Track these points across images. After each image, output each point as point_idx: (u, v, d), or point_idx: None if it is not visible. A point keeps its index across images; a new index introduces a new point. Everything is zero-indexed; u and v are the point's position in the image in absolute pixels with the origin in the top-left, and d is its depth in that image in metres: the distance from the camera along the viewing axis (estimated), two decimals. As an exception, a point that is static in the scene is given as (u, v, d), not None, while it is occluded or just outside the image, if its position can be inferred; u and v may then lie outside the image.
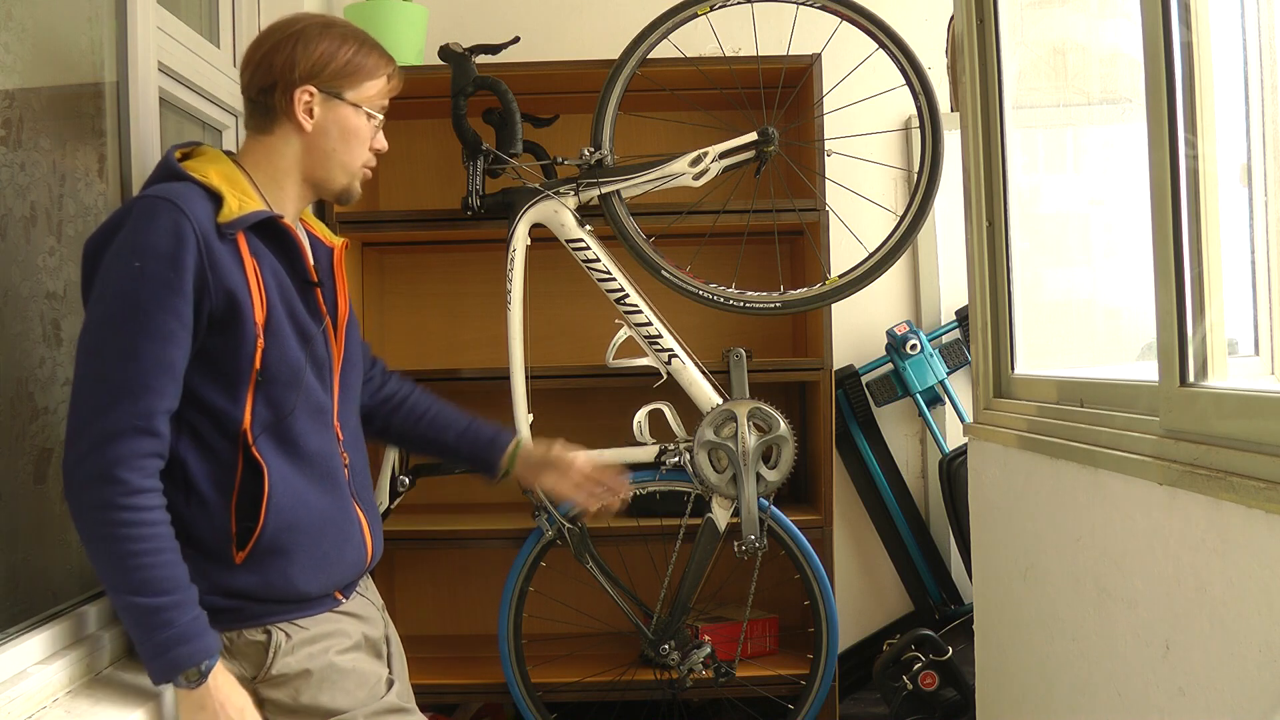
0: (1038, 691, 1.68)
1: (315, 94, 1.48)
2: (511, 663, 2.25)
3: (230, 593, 1.38)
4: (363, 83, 1.52)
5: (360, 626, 1.53)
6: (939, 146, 2.07)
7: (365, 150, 1.55)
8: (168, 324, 1.31)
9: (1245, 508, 1.07)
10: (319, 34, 1.49)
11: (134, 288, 1.30)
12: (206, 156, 1.47)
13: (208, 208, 1.37)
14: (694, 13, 2.12)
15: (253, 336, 1.38)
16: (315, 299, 1.50)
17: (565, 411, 2.57)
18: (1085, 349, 2.29)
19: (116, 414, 1.27)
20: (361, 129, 1.52)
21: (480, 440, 1.78)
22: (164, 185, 1.39)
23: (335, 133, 1.50)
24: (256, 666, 1.40)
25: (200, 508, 1.37)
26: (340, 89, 1.49)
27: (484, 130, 2.18)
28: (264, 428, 1.40)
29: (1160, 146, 1.29)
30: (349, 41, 1.51)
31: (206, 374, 1.37)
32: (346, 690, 1.43)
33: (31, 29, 1.50)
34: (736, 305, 2.12)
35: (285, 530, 1.40)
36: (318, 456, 1.46)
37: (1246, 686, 1.08)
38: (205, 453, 1.38)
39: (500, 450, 1.78)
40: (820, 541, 2.30)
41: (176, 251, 1.31)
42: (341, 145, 1.51)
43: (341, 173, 1.53)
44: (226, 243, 1.37)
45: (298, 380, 1.43)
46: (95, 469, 1.26)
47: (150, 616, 1.26)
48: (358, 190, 1.57)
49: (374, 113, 1.54)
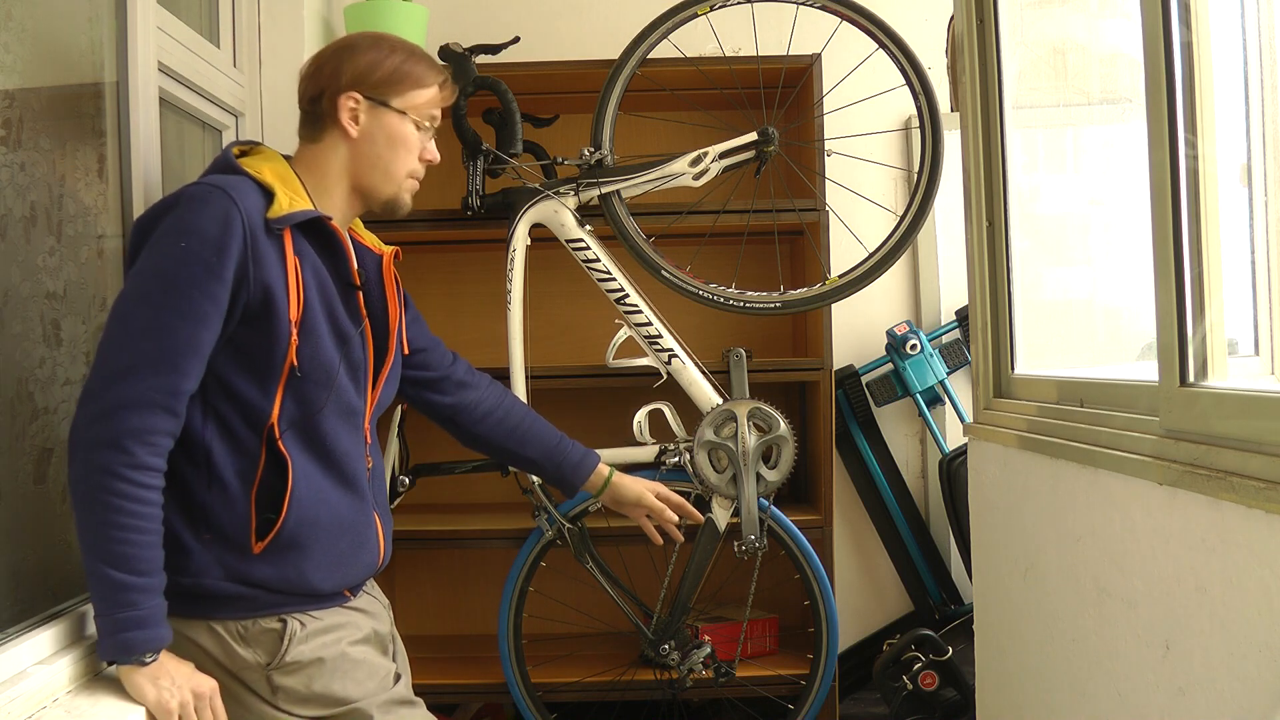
0: (1038, 691, 1.68)
1: (360, 100, 1.51)
2: (511, 663, 2.25)
3: (245, 581, 1.40)
4: (409, 91, 1.53)
5: (369, 622, 1.55)
6: (939, 146, 2.07)
7: (413, 159, 1.56)
8: (202, 306, 1.33)
9: (1245, 508, 1.07)
10: (369, 45, 1.53)
11: (175, 267, 1.33)
12: (263, 155, 1.51)
13: (259, 202, 1.40)
14: (694, 13, 2.12)
15: (286, 333, 1.40)
16: (356, 302, 1.52)
17: (565, 411, 2.56)
18: (1085, 349, 2.29)
19: (140, 384, 1.29)
20: (408, 137, 1.54)
21: (567, 464, 1.87)
22: (219, 176, 1.42)
23: (381, 139, 1.52)
24: (270, 654, 1.41)
25: (220, 495, 1.39)
26: (386, 96, 1.52)
27: (484, 130, 2.18)
28: (291, 424, 1.42)
29: (1160, 146, 1.29)
30: (397, 51, 1.54)
31: (239, 365, 1.39)
32: (358, 680, 1.46)
33: (31, 29, 1.50)
34: (736, 305, 2.12)
35: (306, 526, 1.42)
36: (344, 457, 1.48)
37: (1246, 686, 1.08)
38: (230, 441, 1.40)
39: (584, 475, 1.88)
40: (820, 541, 2.30)
41: (223, 238, 1.34)
42: (388, 152, 1.53)
43: (386, 181, 1.54)
44: (273, 238, 1.40)
45: (330, 380, 1.45)
46: (108, 434, 1.27)
47: (118, 593, 1.27)
48: (406, 201, 1.58)
49: (421, 121, 1.55)
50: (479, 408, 1.81)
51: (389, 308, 1.58)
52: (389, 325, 1.58)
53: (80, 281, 1.59)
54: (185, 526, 1.39)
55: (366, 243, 1.61)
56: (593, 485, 1.91)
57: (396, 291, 1.61)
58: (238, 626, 1.41)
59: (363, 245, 1.60)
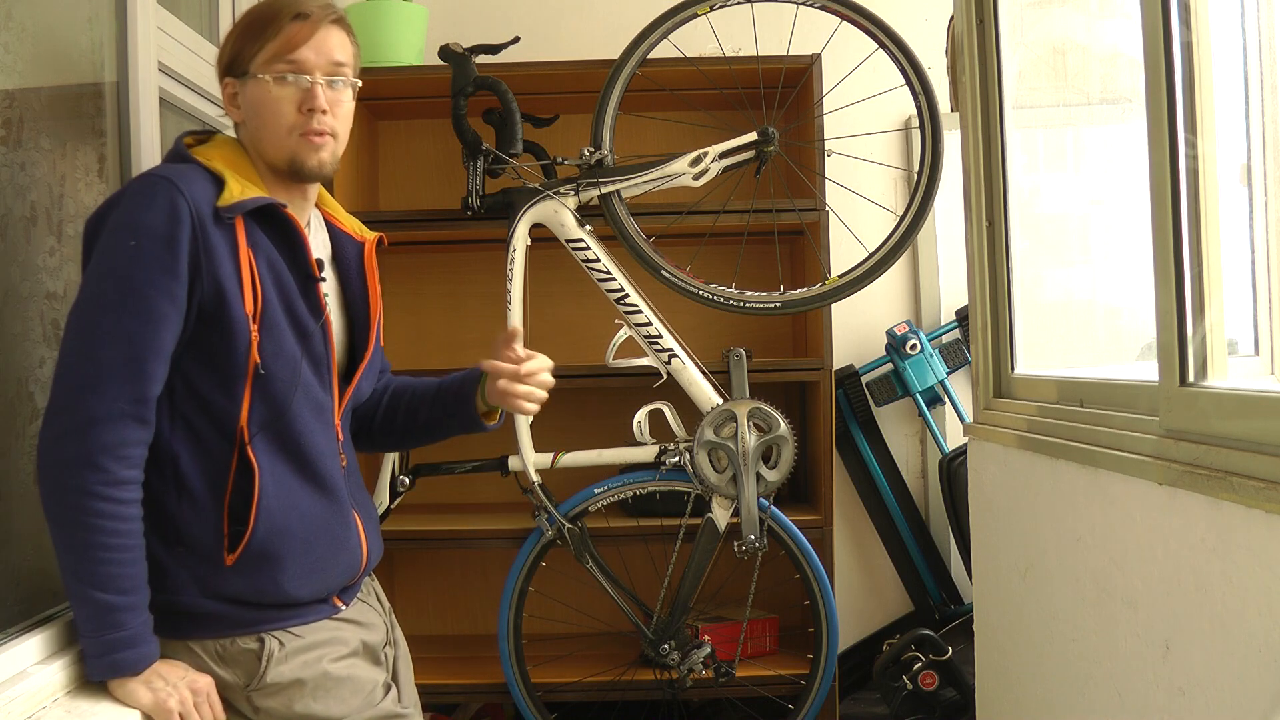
0: (1038, 691, 1.68)
1: (233, 82, 1.44)
2: (511, 663, 2.25)
3: (221, 596, 1.36)
4: (256, 54, 1.40)
5: (360, 633, 1.49)
6: (939, 146, 2.07)
7: (287, 115, 1.40)
8: (161, 306, 1.28)
9: (1245, 508, 1.07)
10: (234, 28, 1.45)
11: (129, 268, 1.28)
12: (216, 143, 1.45)
13: (208, 191, 1.34)
14: (694, 13, 2.12)
15: (245, 330, 1.34)
16: (316, 294, 1.44)
17: (565, 411, 2.56)
18: (1085, 349, 2.29)
19: (107, 396, 1.25)
20: (269, 97, 1.39)
21: (450, 392, 1.67)
22: (166, 165, 1.38)
23: (251, 112, 1.42)
24: (249, 675, 1.37)
25: (191, 506, 1.34)
26: (244, 69, 1.41)
27: (484, 130, 2.18)
28: (261, 426, 1.37)
29: (1160, 146, 1.29)
30: (244, 18, 1.44)
31: (202, 367, 1.34)
32: (341, 698, 1.41)
33: (31, 29, 1.50)
34: (736, 305, 2.12)
35: (275, 535, 1.37)
36: (318, 457, 1.42)
37: (1246, 686, 1.08)
38: (198, 448, 1.35)
39: (473, 387, 1.65)
40: (820, 541, 2.30)
41: (172, 231, 1.28)
42: (258, 119, 1.42)
43: (274, 148, 1.41)
44: (223, 228, 1.33)
45: (295, 376, 1.40)
46: (81, 451, 1.23)
47: (105, 615, 1.25)
48: (310, 160, 1.42)
49: (277, 75, 1.39)
50: (378, 409, 1.71)
51: (369, 297, 1.52)
52: (369, 316, 1.52)
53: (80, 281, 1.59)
54: (157, 541, 1.34)
55: (347, 228, 1.55)
56: (482, 392, 1.66)
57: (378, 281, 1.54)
58: (216, 646, 1.36)
59: (342, 231, 1.54)
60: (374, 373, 1.58)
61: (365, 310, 1.53)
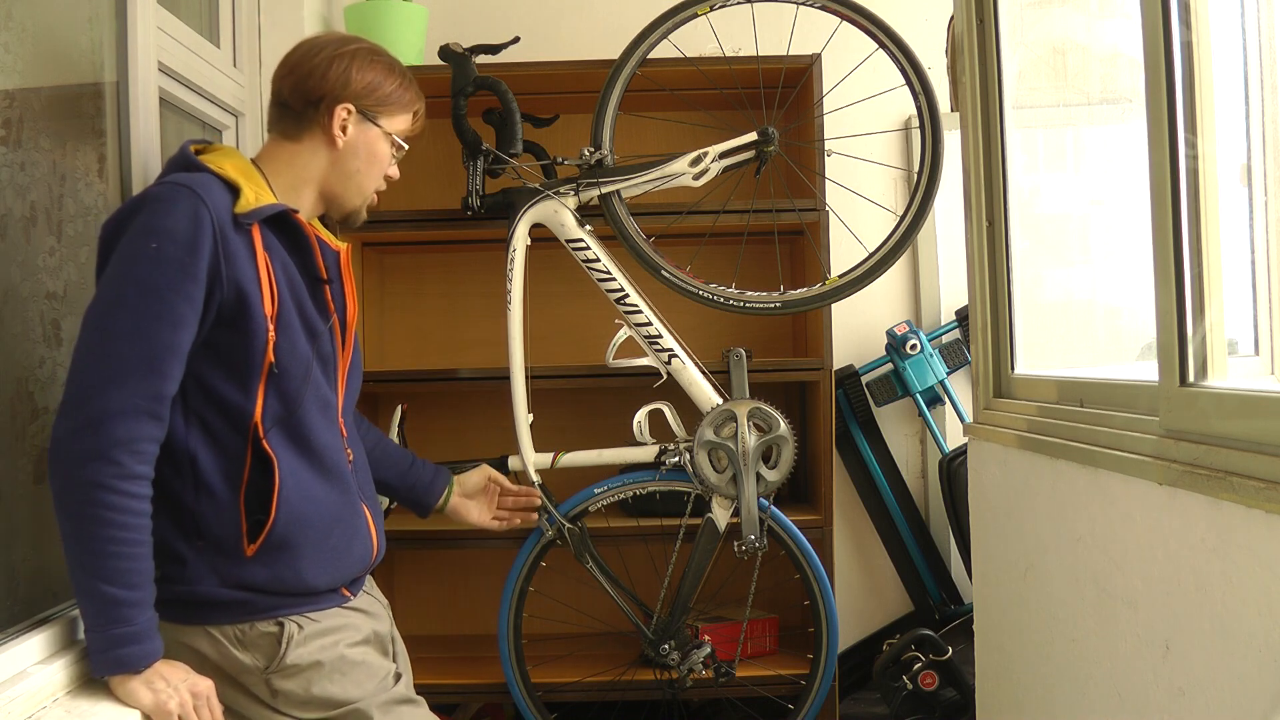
0: (1038, 691, 1.68)
1: (353, 113, 1.53)
2: (511, 663, 2.25)
3: (240, 585, 1.40)
4: (397, 114, 1.59)
5: (369, 622, 1.55)
6: (939, 146, 2.07)
7: (380, 177, 1.61)
8: (179, 308, 1.32)
9: (1245, 508, 1.07)
10: (371, 60, 1.56)
11: (149, 270, 1.32)
12: (221, 152, 1.51)
13: (225, 198, 1.40)
14: (694, 13, 2.12)
15: (264, 330, 1.39)
16: (324, 296, 1.52)
17: (565, 411, 2.57)
18: (1085, 349, 2.29)
19: (124, 391, 1.28)
20: (384, 156, 1.59)
21: (420, 483, 1.90)
22: (182, 174, 1.41)
23: (363, 153, 1.56)
24: (269, 658, 1.41)
25: (210, 502, 1.38)
26: (377, 114, 1.56)
27: (484, 130, 2.18)
28: (274, 421, 1.42)
29: (1160, 146, 1.29)
30: (396, 74, 1.59)
31: (218, 367, 1.39)
32: (357, 681, 1.45)
33: (31, 29, 1.50)
34: (736, 305, 2.12)
35: (295, 524, 1.42)
36: (326, 451, 1.48)
37: (1246, 686, 1.08)
38: (215, 446, 1.39)
39: (437, 495, 1.94)
40: (820, 541, 2.30)
41: (194, 237, 1.33)
42: (365, 166, 1.57)
43: (357, 193, 1.60)
44: (241, 234, 1.39)
45: (306, 374, 1.46)
46: (95, 445, 1.26)
47: (112, 609, 1.26)
48: (364, 216, 1.64)
49: (398, 144, 1.61)
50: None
51: (347, 303, 1.60)
52: (348, 320, 1.60)
53: (80, 281, 1.59)
54: (178, 536, 1.39)
55: (324, 238, 1.62)
56: (445, 499, 1.97)
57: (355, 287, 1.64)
58: (235, 631, 1.40)
59: (323, 241, 1.61)
60: (358, 373, 1.65)
61: (344, 315, 1.60)
